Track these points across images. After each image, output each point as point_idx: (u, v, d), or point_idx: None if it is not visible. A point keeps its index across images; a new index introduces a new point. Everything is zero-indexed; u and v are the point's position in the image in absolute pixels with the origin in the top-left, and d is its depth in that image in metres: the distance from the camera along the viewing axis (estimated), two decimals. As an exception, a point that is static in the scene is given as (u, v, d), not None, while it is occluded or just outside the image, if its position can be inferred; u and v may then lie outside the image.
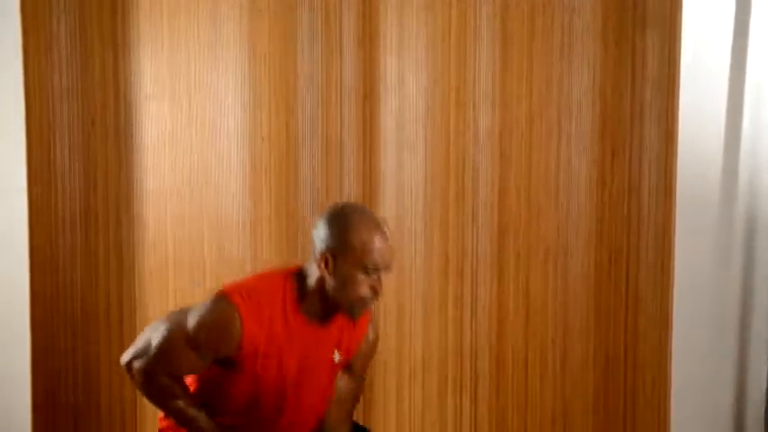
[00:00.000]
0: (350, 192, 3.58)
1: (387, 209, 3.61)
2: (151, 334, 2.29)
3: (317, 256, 2.26)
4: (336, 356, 2.40)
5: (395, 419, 3.67)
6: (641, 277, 3.64)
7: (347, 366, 2.54)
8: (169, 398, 2.28)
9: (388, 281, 3.39)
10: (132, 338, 3.47)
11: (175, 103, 3.58)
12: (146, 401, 3.53)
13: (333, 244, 2.24)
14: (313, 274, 2.28)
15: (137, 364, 2.28)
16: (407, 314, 3.65)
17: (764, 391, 3.83)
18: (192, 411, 2.28)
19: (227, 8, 3.51)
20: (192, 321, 2.23)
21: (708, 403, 3.83)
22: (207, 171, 3.61)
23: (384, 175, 3.60)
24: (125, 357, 2.32)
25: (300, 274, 2.33)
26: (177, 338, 2.23)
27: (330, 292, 2.26)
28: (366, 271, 2.23)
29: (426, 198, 3.61)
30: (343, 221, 2.25)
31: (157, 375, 2.27)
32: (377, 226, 2.26)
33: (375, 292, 2.27)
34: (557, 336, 3.69)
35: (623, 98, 3.58)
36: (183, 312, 2.29)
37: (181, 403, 2.28)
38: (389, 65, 3.56)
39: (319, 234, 2.28)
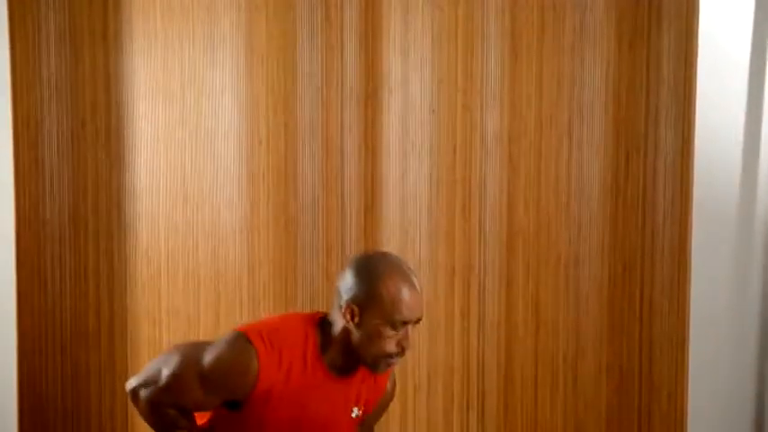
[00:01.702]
0: (350, 198, 3.54)
1: (389, 216, 3.58)
2: (162, 365, 2.23)
3: (343, 306, 2.19)
4: (355, 412, 2.34)
5: (398, 439, 3.63)
6: (656, 289, 3.59)
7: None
8: (172, 429, 2.23)
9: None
10: (123, 352, 3.61)
11: (169, 103, 3.57)
12: (138, 419, 3.56)
13: (359, 295, 2.17)
14: (338, 323, 2.22)
15: (143, 394, 2.23)
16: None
17: (787, 409, 3.78)
18: None
19: (223, 4, 3.49)
20: (207, 358, 2.17)
21: (727, 421, 3.76)
22: (202, 175, 3.61)
23: (387, 181, 3.57)
24: (131, 383, 2.27)
25: (324, 322, 2.26)
26: (190, 373, 2.17)
27: (354, 345, 2.20)
28: (394, 326, 2.16)
29: (431, 205, 3.58)
30: (371, 271, 2.18)
31: (163, 406, 2.22)
32: (406, 277, 2.18)
33: (402, 348, 2.19)
34: (568, 351, 3.63)
35: (638, 100, 3.53)
36: (198, 347, 2.23)
37: None
38: (393, 64, 3.52)
39: (345, 283, 2.21)
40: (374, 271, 2.17)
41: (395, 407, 3.59)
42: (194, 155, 3.58)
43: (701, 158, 3.56)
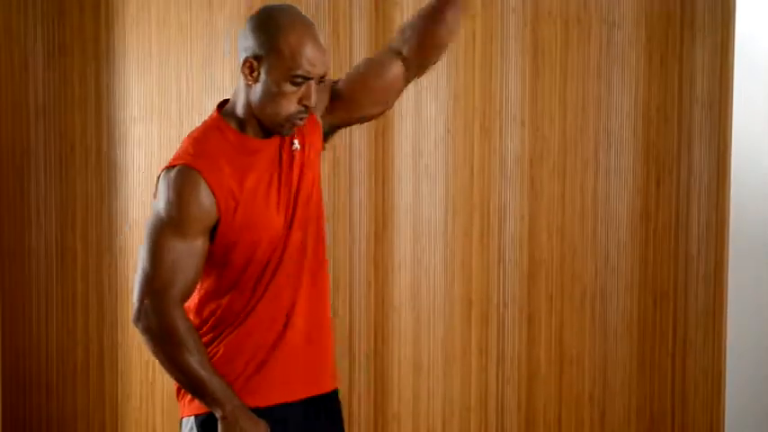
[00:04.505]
0: (360, 225, 3.47)
1: (401, 245, 3.49)
2: (141, 264, 2.16)
3: (241, 64, 2.15)
4: (295, 144, 2.26)
5: (410, 486, 3.56)
6: (690, 323, 3.60)
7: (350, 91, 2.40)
8: (183, 352, 2.13)
9: (405, 328, 3.44)
10: (113, 391, 3.57)
11: (165, 125, 3.51)
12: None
13: (257, 49, 2.12)
14: (241, 93, 2.19)
15: (148, 305, 2.12)
16: (425, 365, 3.52)
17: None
18: (205, 373, 2.14)
19: (223, 19, 3.43)
20: (161, 212, 2.13)
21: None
22: None
23: (399, 207, 3.48)
24: (134, 309, 2.15)
25: (229, 105, 2.24)
26: (162, 240, 2.12)
27: (255, 106, 2.15)
28: (295, 81, 2.11)
29: (447, 234, 3.51)
30: (269, 24, 2.12)
31: (173, 309, 2.13)
32: (308, 29, 2.13)
33: (305, 106, 2.14)
34: (594, 390, 3.60)
35: (669, 120, 3.56)
36: (151, 217, 2.18)
37: (194, 361, 2.13)
38: None
39: (243, 39, 2.16)
40: (273, 23, 2.12)
41: (407, 451, 3.55)
42: (191, 181, 3.49)
43: (738, 182, 3.59)
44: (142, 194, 3.54)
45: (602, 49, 3.52)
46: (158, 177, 2.16)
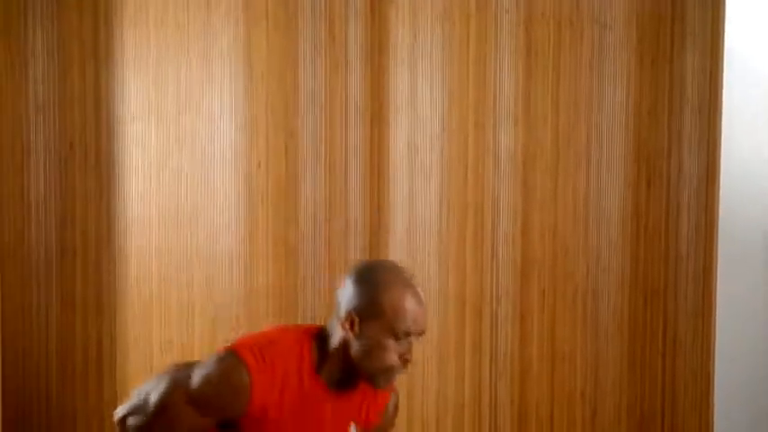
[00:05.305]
0: (356, 223, 3.50)
1: (397, 242, 3.51)
2: (150, 390, 2.20)
3: (342, 316, 2.15)
4: (353, 430, 2.28)
5: (404, 482, 3.52)
6: (680, 322, 3.56)
7: None
8: None
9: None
10: (113, 388, 3.55)
11: (162, 123, 3.51)
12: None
13: (360, 304, 2.13)
14: (336, 335, 2.18)
15: (132, 421, 2.18)
16: (419, 362, 3.50)
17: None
18: None
19: (220, 18, 3.45)
20: (196, 377, 2.15)
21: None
22: (197, 200, 3.52)
23: (394, 205, 3.50)
24: (119, 412, 2.21)
25: (321, 335, 2.22)
26: (178, 395, 2.15)
27: (354, 357, 2.16)
28: (396, 337, 2.11)
29: (441, 231, 3.52)
30: (373, 280, 2.14)
31: None
32: (410, 287, 2.15)
33: (405, 360, 2.15)
34: (586, 387, 3.59)
35: (660, 121, 3.51)
36: (187, 367, 2.21)
37: None
38: (400, 80, 3.48)
39: (345, 292, 2.17)
40: (377, 280, 2.14)
41: (401, 447, 3.54)
42: (189, 179, 3.52)
43: (727, 183, 3.54)
44: (140, 191, 3.52)
45: (594, 49, 3.50)
46: (224, 348, 2.15)
